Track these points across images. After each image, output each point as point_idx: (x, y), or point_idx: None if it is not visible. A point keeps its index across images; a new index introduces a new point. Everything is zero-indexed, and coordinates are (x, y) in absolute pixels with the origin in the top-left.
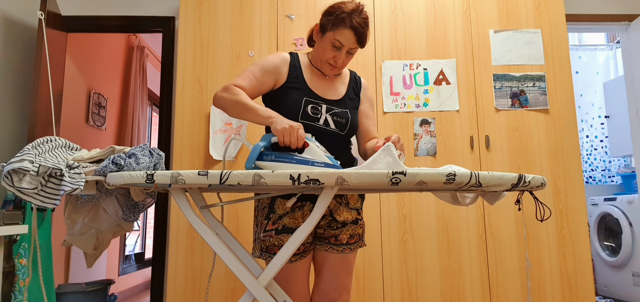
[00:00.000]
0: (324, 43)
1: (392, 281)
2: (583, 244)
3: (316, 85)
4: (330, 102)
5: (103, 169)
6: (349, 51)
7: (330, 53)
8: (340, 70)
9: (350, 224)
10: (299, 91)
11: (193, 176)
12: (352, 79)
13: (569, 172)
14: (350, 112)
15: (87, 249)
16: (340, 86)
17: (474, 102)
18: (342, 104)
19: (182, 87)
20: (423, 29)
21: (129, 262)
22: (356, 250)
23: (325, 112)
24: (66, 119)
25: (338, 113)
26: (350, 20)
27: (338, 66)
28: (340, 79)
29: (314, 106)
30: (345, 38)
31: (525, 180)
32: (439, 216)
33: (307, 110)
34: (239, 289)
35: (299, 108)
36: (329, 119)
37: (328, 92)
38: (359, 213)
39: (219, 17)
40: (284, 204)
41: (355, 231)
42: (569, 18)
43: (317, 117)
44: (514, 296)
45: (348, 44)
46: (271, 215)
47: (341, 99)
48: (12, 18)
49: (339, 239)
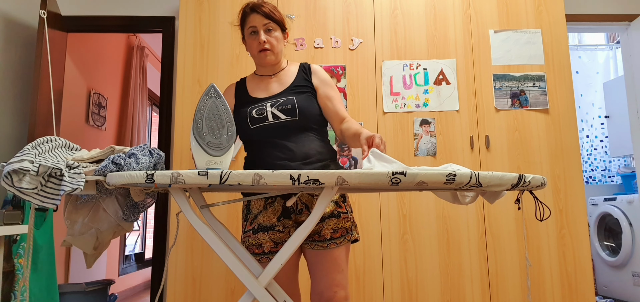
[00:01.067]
0: (248, 42)
1: (392, 281)
2: (583, 244)
3: (261, 89)
4: (274, 97)
5: (103, 169)
6: (266, 29)
7: (254, 43)
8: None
9: (330, 217)
10: (244, 104)
11: (193, 176)
12: (301, 69)
13: (569, 172)
14: (296, 97)
15: (87, 249)
16: (286, 79)
17: (474, 102)
18: (285, 93)
19: (182, 87)
20: (423, 29)
21: (129, 262)
22: (344, 245)
23: (270, 108)
24: (66, 119)
25: (282, 102)
26: (250, 7)
27: (265, 47)
28: (286, 74)
29: (258, 108)
30: (254, 21)
31: (525, 180)
32: (439, 215)
33: (253, 114)
34: (239, 289)
35: (245, 117)
36: (275, 111)
37: (272, 89)
38: (339, 206)
39: (219, 17)
40: (258, 203)
41: (339, 225)
42: (569, 18)
43: (264, 116)
44: (514, 295)
45: (258, 22)
46: (248, 215)
47: (285, 89)
48: (12, 18)
49: (322, 234)
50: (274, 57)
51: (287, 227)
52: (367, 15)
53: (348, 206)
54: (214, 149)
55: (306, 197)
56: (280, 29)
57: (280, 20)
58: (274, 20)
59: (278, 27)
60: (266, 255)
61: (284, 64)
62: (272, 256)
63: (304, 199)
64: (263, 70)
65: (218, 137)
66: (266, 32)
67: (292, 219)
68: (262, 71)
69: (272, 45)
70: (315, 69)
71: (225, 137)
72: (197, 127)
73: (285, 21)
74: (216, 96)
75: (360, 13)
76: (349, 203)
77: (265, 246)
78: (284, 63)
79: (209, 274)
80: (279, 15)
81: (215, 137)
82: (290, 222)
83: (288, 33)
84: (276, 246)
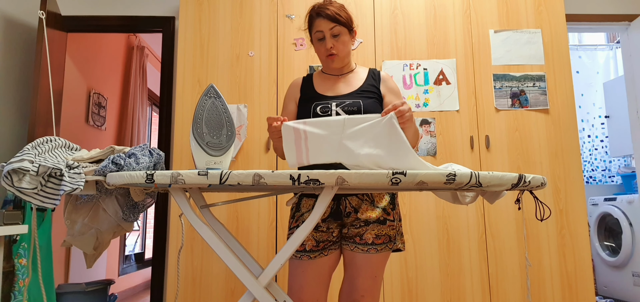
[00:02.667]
0: (315, 46)
1: (392, 281)
2: (583, 244)
3: (328, 88)
4: (341, 97)
5: (103, 169)
6: (332, 35)
7: (321, 48)
8: (340, 56)
9: (374, 223)
10: (309, 100)
11: (193, 176)
12: (370, 75)
13: (569, 172)
14: (362, 101)
15: (87, 249)
16: (355, 82)
17: (474, 102)
18: (353, 96)
19: (182, 87)
20: (423, 29)
21: (129, 262)
22: (385, 253)
23: (334, 107)
24: (66, 119)
25: (348, 104)
26: (316, 11)
27: (333, 52)
28: (355, 76)
29: (323, 106)
30: (320, 26)
31: (526, 180)
32: (439, 216)
33: (317, 111)
34: (239, 289)
35: (309, 112)
36: (340, 111)
37: (339, 90)
38: (387, 213)
39: (219, 17)
40: (307, 203)
41: (382, 232)
42: (569, 18)
43: (328, 113)
44: (514, 295)
45: (324, 27)
46: (296, 213)
47: (353, 92)
48: (12, 18)
49: (364, 238)
50: (341, 60)
51: (331, 228)
52: (367, 15)
53: (397, 214)
54: (213, 149)
55: (356, 201)
56: (347, 30)
57: (347, 21)
58: (340, 23)
59: (345, 29)
60: (307, 253)
61: (353, 66)
62: (312, 254)
63: (354, 203)
64: (331, 70)
65: (217, 137)
66: (333, 37)
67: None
68: (329, 70)
69: (339, 49)
70: (384, 77)
71: (224, 137)
72: (197, 127)
73: (353, 21)
74: (215, 96)
75: (360, 13)
76: (398, 212)
77: (307, 244)
78: (353, 65)
79: (209, 274)
80: (345, 16)
81: (215, 137)
82: (335, 224)
83: (356, 31)
84: (318, 244)
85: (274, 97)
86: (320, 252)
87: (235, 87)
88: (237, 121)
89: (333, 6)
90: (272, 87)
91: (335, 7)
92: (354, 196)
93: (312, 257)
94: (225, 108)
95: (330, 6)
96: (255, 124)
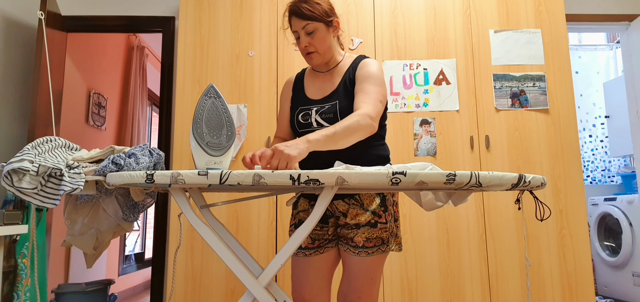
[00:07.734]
0: (297, 45)
1: (392, 281)
2: (583, 244)
3: (314, 88)
4: (319, 102)
5: (103, 169)
6: (307, 33)
7: (299, 47)
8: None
9: (365, 226)
10: (296, 103)
11: (193, 176)
12: (351, 67)
13: (569, 172)
14: (339, 102)
15: (86, 249)
16: (336, 79)
17: (474, 102)
18: (331, 98)
19: (182, 87)
20: (423, 29)
21: (129, 262)
22: (378, 255)
23: (314, 115)
24: (66, 119)
25: (326, 110)
26: (290, 10)
27: (308, 51)
28: (340, 70)
29: (304, 113)
30: (294, 25)
31: (526, 180)
32: (439, 216)
33: (299, 119)
34: (239, 289)
35: (293, 120)
36: (319, 119)
37: (324, 90)
38: (378, 215)
39: (219, 17)
40: (304, 202)
41: (373, 235)
42: (569, 18)
43: (309, 122)
44: (514, 296)
45: (297, 26)
46: (293, 211)
47: (331, 93)
48: (12, 18)
49: (355, 241)
50: (321, 57)
51: (325, 227)
52: (367, 15)
53: (389, 216)
54: (213, 149)
55: (344, 206)
56: (324, 24)
57: (322, 14)
58: (314, 18)
59: (321, 24)
60: (302, 250)
61: (339, 58)
62: (308, 252)
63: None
64: (316, 67)
65: (217, 137)
66: (307, 35)
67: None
68: (315, 67)
69: (316, 47)
70: (361, 64)
71: (224, 137)
72: (197, 127)
73: (331, 12)
74: (215, 96)
75: (360, 13)
76: (393, 212)
77: (303, 241)
78: (339, 57)
79: (209, 274)
80: (319, 10)
81: (215, 137)
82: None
83: (338, 21)
84: (313, 242)
85: (274, 97)
86: (315, 249)
87: (235, 87)
88: (237, 121)
89: (306, 2)
90: (272, 87)
91: (308, 3)
92: (340, 200)
93: (307, 255)
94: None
95: (303, 3)
96: (255, 124)
